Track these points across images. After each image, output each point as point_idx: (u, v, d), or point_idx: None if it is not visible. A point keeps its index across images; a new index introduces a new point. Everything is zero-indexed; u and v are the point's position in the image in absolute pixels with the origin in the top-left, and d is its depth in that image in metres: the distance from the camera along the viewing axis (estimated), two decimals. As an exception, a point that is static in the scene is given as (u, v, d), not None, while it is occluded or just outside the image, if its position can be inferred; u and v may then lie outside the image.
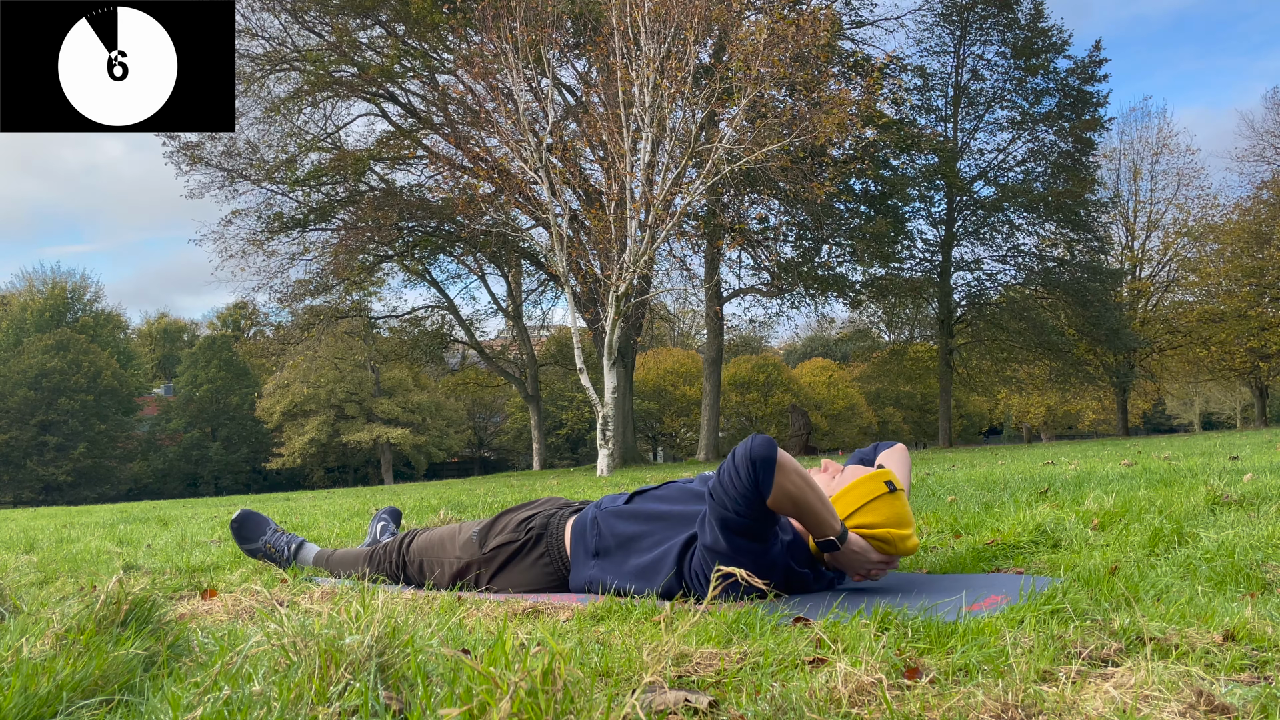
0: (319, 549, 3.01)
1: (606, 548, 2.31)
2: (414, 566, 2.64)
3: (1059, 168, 28.39)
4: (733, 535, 2.03)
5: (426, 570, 2.60)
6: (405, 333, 27.92)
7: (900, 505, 2.23)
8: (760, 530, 2.06)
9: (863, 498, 2.21)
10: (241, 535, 3.00)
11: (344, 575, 2.81)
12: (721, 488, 2.05)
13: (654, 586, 2.16)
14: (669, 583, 2.16)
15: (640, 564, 2.23)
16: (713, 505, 2.06)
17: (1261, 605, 1.66)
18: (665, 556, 2.19)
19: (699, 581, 2.11)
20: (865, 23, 24.77)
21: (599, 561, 2.31)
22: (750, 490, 2.00)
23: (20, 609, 1.98)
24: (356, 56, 21.45)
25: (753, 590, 2.01)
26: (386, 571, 2.68)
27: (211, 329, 51.35)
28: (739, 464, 2.02)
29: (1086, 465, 6.50)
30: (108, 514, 8.95)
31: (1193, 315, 31.34)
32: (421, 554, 2.63)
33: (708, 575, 2.05)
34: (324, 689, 1.14)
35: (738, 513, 2.01)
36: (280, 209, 22.73)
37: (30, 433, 38.45)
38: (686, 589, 2.15)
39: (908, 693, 1.25)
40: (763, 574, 1.98)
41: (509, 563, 2.44)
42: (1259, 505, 3.03)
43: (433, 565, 2.58)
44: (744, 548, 2.04)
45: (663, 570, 2.18)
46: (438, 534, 2.65)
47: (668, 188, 14.79)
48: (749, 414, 42.31)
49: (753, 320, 28.56)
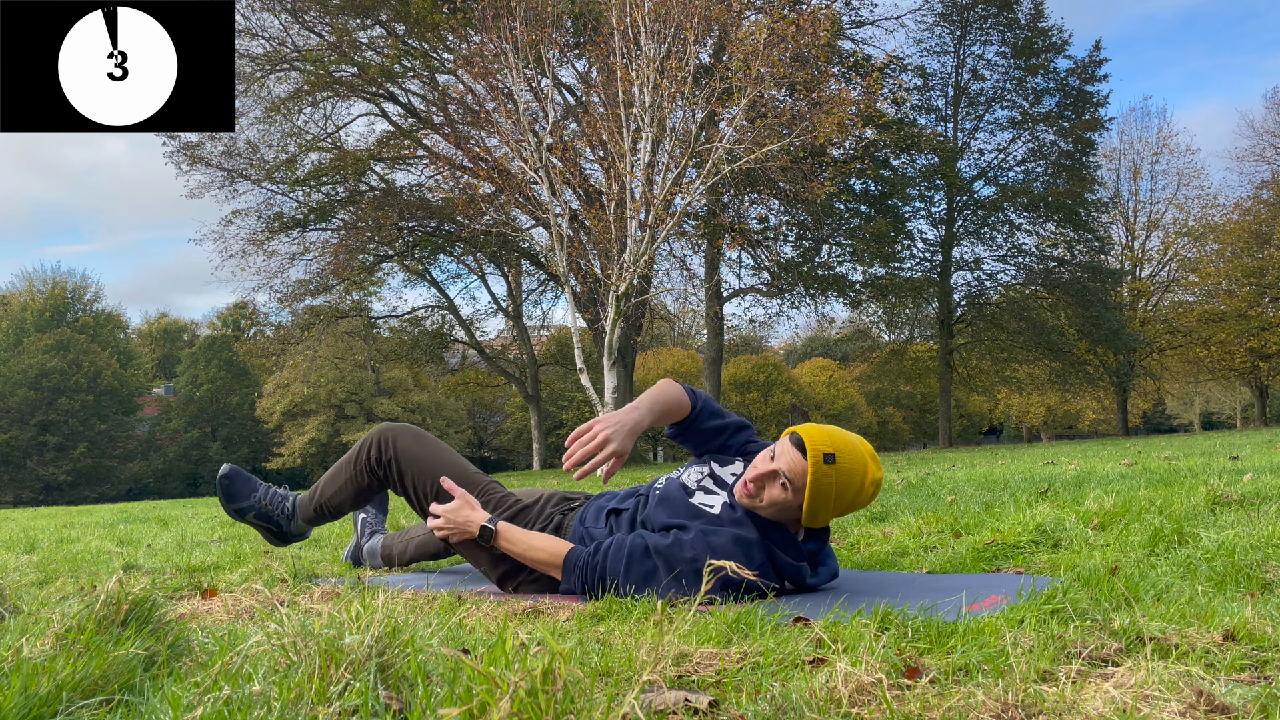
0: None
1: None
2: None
3: (1059, 167, 28.39)
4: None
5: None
6: (405, 333, 27.92)
7: (824, 475, 2.15)
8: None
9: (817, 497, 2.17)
10: (230, 493, 2.76)
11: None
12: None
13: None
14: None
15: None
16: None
17: (1261, 605, 1.66)
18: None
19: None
20: (865, 22, 24.77)
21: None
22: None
23: (20, 609, 1.98)
24: (356, 56, 21.45)
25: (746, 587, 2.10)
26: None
27: (211, 329, 51.32)
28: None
29: (1086, 465, 6.50)
30: (108, 514, 8.95)
31: (1193, 315, 31.34)
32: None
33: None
34: (324, 689, 1.14)
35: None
36: (280, 209, 22.74)
37: (30, 433, 38.46)
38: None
39: (908, 692, 1.25)
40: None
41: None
42: (1259, 505, 3.03)
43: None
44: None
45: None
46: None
47: (668, 188, 14.79)
48: (749, 414, 42.30)
49: (753, 320, 28.58)
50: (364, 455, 2.60)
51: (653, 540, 2.21)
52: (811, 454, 2.14)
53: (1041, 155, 28.86)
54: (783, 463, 2.16)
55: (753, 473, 2.21)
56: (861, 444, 2.21)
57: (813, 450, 2.14)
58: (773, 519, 2.24)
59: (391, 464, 2.56)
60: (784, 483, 2.16)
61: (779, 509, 2.21)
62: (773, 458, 2.19)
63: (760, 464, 2.21)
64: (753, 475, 2.20)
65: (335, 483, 2.68)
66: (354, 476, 2.63)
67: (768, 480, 2.19)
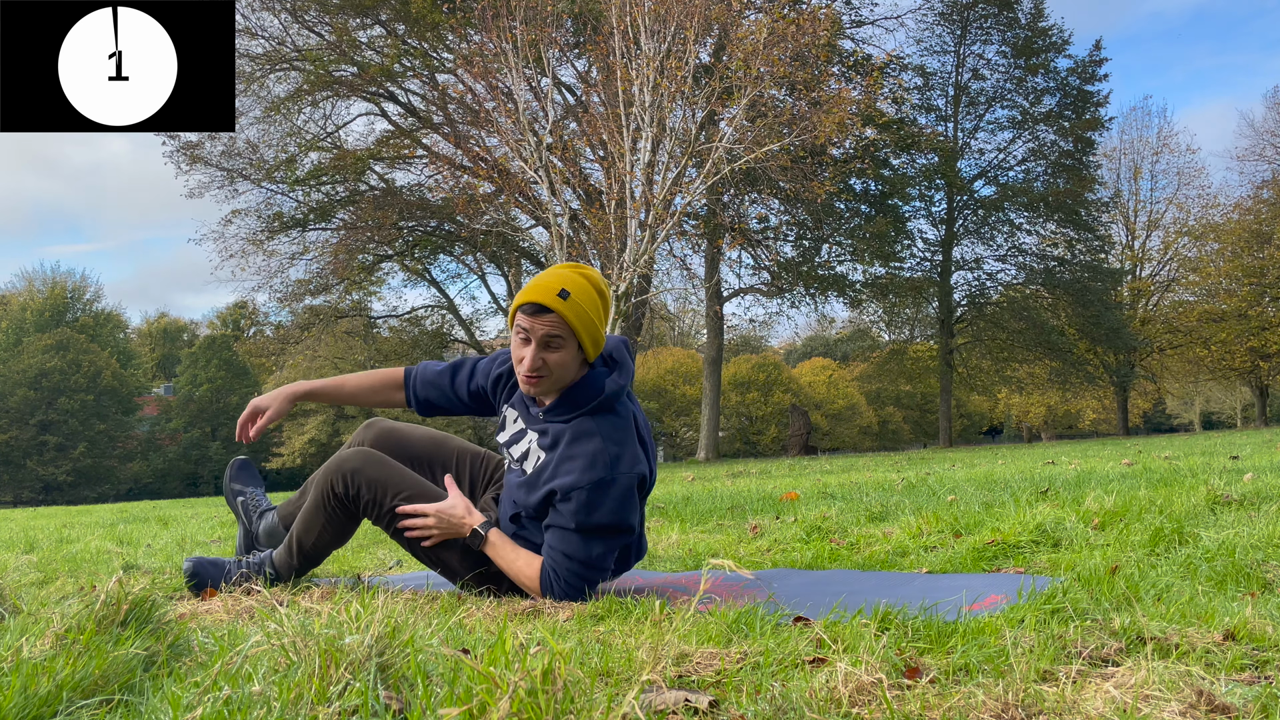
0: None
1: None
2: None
3: (1059, 167, 28.40)
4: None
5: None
6: (405, 332, 27.93)
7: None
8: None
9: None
10: (238, 476, 2.78)
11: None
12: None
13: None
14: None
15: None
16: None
17: (1262, 605, 1.66)
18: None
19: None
20: (865, 22, 24.79)
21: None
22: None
23: (20, 609, 1.98)
24: (356, 56, 21.45)
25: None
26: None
27: (211, 328, 51.34)
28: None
29: (1087, 465, 6.51)
30: (108, 514, 8.95)
31: (1193, 315, 31.34)
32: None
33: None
34: (324, 689, 1.14)
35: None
36: (280, 209, 22.76)
37: (30, 432, 38.47)
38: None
39: (908, 692, 1.25)
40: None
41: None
42: (1259, 505, 3.03)
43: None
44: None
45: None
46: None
47: (668, 187, 14.79)
48: (749, 414, 42.31)
49: (753, 320, 28.63)
50: (330, 496, 2.44)
51: (577, 554, 2.22)
52: (552, 304, 2.15)
53: (1042, 155, 28.87)
54: (538, 332, 2.16)
55: (525, 364, 2.19)
56: (561, 269, 2.23)
57: (549, 300, 2.15)
58: (568, 387, 2.25)
59: (359, 497, 2.42)
60: (549, 342, 2.17)
61: (566, 366, 2.21)
62: (526, 340, 2.19)
63: (522, 353, 2.20)
64: (526, 366, 2.19)
65: (311, 532, 2.49)
66: (329, 519, 2.46)
67: (540, 356, 2.18)
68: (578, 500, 2.18)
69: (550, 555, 2.24)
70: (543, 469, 2.26)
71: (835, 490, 5.24)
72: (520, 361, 2.21)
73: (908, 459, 13.61)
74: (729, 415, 41.79)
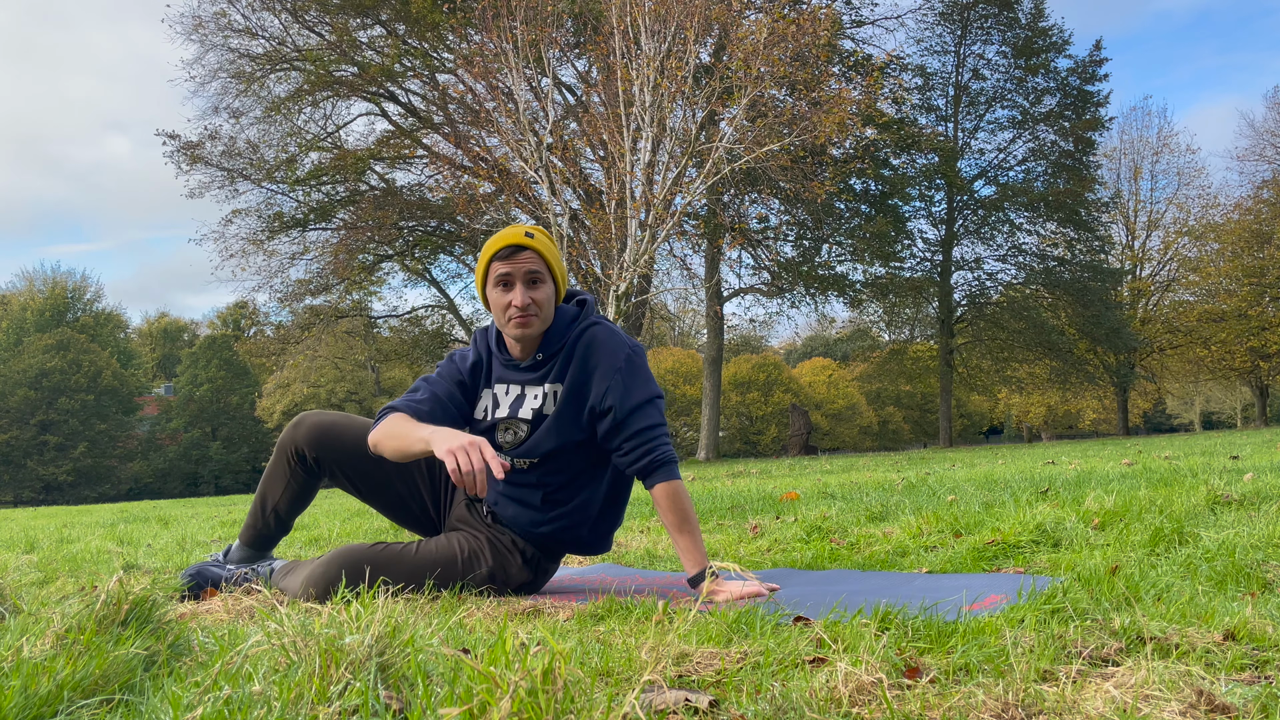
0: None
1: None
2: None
3: (1059, 167, 28.41)
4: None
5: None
6: (405, 332, 27.93)
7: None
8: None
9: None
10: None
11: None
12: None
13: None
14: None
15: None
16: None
17: (1262, 605, 1.66)
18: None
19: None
20: (865, 22, 24.79)
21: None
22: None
23: (20, 609, 1.98)
24: (356, 56, 21.45)
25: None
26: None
27: (212, 328, 51.35)
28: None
29: (1087, 465, 6.51)
30: (108, 514, 8.95)
31: (1193, 315, 31.34)
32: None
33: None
34: (324, 688, 1.14)
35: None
36: (280, 208, 22.76)
37: (30, 432, 38.47)
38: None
39: (908, 692, 1.25)
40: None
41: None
42: (1259, 505, 3.03)
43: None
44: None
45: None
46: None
47: (668, 187, 14.79)
48: (749, 413, 42.32)
49: (753, 320, 28.63)
50: (290, 458, 2.43)
51: (659, 419, 2.29)
52: (525, 242, 2.23)
53: (1042, 155, 28.88)
54: (521, 270, 2.22)
55: (515, 305, 2.21)
56: (509, 226, 2.31)
57: (521, 239, 2.23)
58: (546, 330, 2.29)
59: (321, 460, 2.41)
60: (534, 278, 2.23)
61: (550, 301, 2.27)
62: (509, 284, 2.23)
63: (507, 298, 2.22)
64: (518, 303, 2.21)
65: (275, 491, 2.48)
66: (290, 479, 2.45)
67: (526, 295, 2.22)
68: (626, 379, 2.25)
69: (642, 440, 2.24)
70: (570, 393, 2.28)
71: (835, 490, 5.24)
72: (507, 307, 2.23)
73: (908, 459, 13.61)
74: (729, 415, 41.81)
